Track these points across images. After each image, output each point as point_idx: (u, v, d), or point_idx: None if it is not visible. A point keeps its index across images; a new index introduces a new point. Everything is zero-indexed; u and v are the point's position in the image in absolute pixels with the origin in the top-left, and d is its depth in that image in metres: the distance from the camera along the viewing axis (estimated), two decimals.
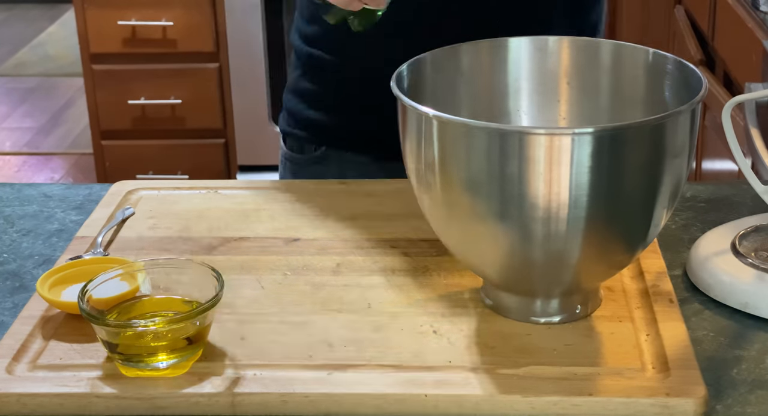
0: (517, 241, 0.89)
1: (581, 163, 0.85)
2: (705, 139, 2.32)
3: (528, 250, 0.90)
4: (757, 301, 0.99)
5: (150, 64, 3.39)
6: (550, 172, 0.85)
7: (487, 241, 0.91)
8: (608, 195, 0.87)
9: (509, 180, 0.86)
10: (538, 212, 0.87)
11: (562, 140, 0.84)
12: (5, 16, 5.64)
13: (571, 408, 0.86)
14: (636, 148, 0.87)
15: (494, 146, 0.86)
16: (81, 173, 3.97)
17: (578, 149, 0.84)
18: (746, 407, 0.87)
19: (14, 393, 0.88)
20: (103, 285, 0.93)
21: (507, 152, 0.86)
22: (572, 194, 0.86)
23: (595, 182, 0.86)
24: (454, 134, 0.88)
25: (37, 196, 1.26)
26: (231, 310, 0.99)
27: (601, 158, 0.85)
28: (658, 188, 0.89)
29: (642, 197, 0.89)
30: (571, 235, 0.88)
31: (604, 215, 0.88)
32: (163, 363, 0.89)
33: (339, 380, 0.89)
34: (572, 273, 0.93)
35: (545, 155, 0.85)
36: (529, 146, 0.85)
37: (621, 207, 0.89)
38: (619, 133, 0.86)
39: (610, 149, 0.85)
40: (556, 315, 0.96)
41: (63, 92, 4.68)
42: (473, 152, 0.87)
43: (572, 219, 0.87)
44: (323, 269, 1.06)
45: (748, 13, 2.05)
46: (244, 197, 1.21)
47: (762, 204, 1.08)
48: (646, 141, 0.87)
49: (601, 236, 0.90)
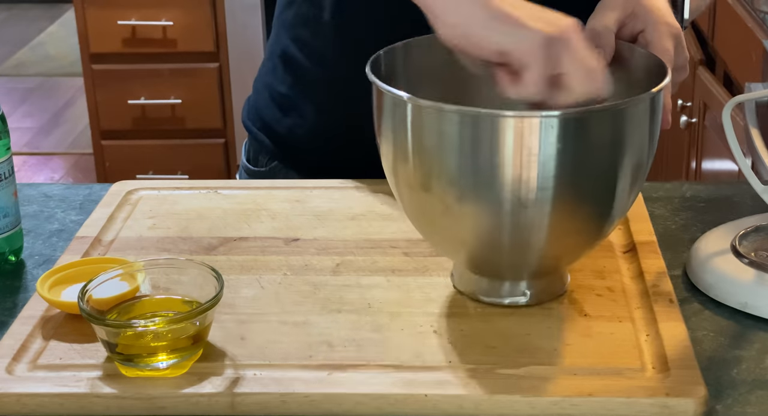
0: (487, 222, 0.93)
1: (549, 144, 0.89)
2: (705, 139, 2.32)
3: (497, 231, 0.93)
4: (756, 301, 0.99)
5: (150, 64, 3.39)
6: (521, 154, 0.89)
7: (458, 223, 0.94)
8: (574, 175, 0.91)
9: (480, 162, 0.90)
10: (507, 193, 0.90)
11: (531, 121, 0.88)
12: (5, 16, 5.64)
13: (570, 408, 0.86)
14: (600, 130, 0.90)
15: (466, 128, 0.90)
16: (81, 173, 3.98)
17: (546, 131, 0.88)
18: (746, 407, 0.87)
19: (14, 393, 0.88)
20: (103, 285, 0.93)
21: (478, 134, 0.89)
22: (540, 175, 0.90)
23: (561, 163, 0.89)
24: (426, 117, 0.91)
25: (37, 196, 1.26)
26: (231, 310, 0.99)
27: (567, 139, 0.89)
28: (620, 169, 0.92)
29: (605, 178, 0.92)
30: (539, 216, 0.92)
31: (571, 194, 0.92)
32: (163, 363, 0.89)
33: (339, 380, 0.89)
34: (540, 255, 0.95)
35: (515, 137, 0.88)
36: (499, 128, 0.88)
37: (586, 188, 0.92)
38: (585, 116, 0.89)
39: (576, 131, 0.89)
40: (522, 297, 0.98)
41: (63, 92, 4.68)
42: (445, 135, 0.90)
43: (540, 200, 0.91)
44: (323, 269, 1.06)
45: (748, 13, 2.05)
46: (244, 197, 1.21)
47: (762, 204, 1.08)
48: (610, 124, 0.91)
49: (568, 217, 0.93)
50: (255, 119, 1.37)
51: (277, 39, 1.36)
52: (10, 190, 1.09)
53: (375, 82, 0.95)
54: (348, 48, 1.26)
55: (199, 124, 3.45)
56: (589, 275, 1.03)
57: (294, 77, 1.32)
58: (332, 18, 1.26)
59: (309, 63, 1.30)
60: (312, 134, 1.32)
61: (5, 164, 1.08)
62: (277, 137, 1.34)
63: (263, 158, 1.37)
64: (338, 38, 1.27)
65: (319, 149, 1.32)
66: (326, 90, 1.29)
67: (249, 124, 1.38)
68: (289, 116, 1.33)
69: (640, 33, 1.04)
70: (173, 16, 3.34)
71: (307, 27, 1.30)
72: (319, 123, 1.31)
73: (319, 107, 1.31)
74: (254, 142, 1.38)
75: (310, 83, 1.31)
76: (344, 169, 1.27)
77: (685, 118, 2.39)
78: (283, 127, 1.33)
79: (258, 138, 1.36)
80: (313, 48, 1.30)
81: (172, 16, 3.34)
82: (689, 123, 2.39)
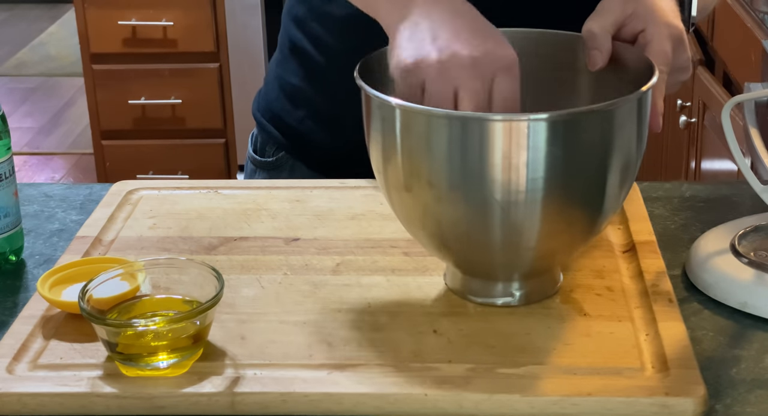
0: (477, 223, 0.93)
1: (537, 147, 0.89)
2: (704, 139, 2.32)
3: (487, 232, 0.93)
4: (756, 300, 0.99)
5: (150, 64, 3.39)
6: (509, 157, 0.89)
7: (447, 225, 0.95)
8: (563, 176, 0.91)
9: (469, 165, 0.90)
10: (497, 194, 0.91)
11: (519, 125, 0.89)
12: (6, 16, 5.64)
13: (570, 407, 0.86)
14: (588, 132, 0.91)
15: (455, 132, 0.90)
16: (81, 173, 3.98)
17: (534, 134, 0.89)
18: (745, 406, 0.87)
19: (15, 393, 0.88)
20: (103, 285, 0.93)
21: (467, 138, 0.90)
22: (529, 177, 0.90)
23: (550, 165, 0.90)
24: (416, 121, 0.91)
25: (38, 196, 1.26)
26: (231, 310, 0.99)
27: (556, 142, 0.90)
28: (609, 169, 0.93)
29: (594, 178, 0.93)
30: (528, 217, 0.92)
31: (560, 195, 0.92)
32: (164, 362, 0.90)
33: (339, 380, 0.89)
34: (530, 256, 0.96)
35: (503, 140, 0.89)
36: (487, 132, 0.89)
37: (575, 189, 0.93)
38: (572, 118, 0.90)
39: (564, 133, 0.90)
40: (513, 297, 0.98)
41: (63, 92, 4.68)
42: (433, 139, 0.91)
43: (529, 201, 0.91)
44: (323, 268, 1.06)
45: (747, 13, 2.05)
46: (244, 197, 1.21)
47: (761, 204, 1.08)
48: (597, 126, 0.91)
49: (557, 217, 0.94)
50: (264, 111, 1.38)
51: (286, 32, 1.37)
52: (11, 190, 1.09)
53: (363, 87, 0.95)
54: (358, 42, 1.26)
55: (199, 124, 3.45)
56: (588, 274, 1.03)
57: (305, 70, 1.33)
58: (342, 12, 1.27)
59: (320, 57, 1.31)
60: (321, 126, 1.33)
61: (6, 164, 1.08)
62: (287, 129, 1.35)
63: (270, 148, 1.38)
64: (349, 32, 1.27)
65: (327, 142, 1.33)
66: (336, 83, 1.30)
67: (258, 115, 1.39)
68: (300, 108, 1.34)
69: (640, 33, 1.04)
70: (173, 17, 3.34)
71: (319, 21, 1.31)
72: (328, 116, 1.32)
73: (330, 100, 1.31)
74: (263, 133, 1.39)
75: (320, 76, 1.32)
76: (351, 162, 1.27)
77: (685, 118, 2.39)
78: (293, 119, 1.34)
79: (266, 129, 1.37)
80: (324, 42, 1.31)
81: (173, 16, 3.34)
82: (688, 123, 2.39)
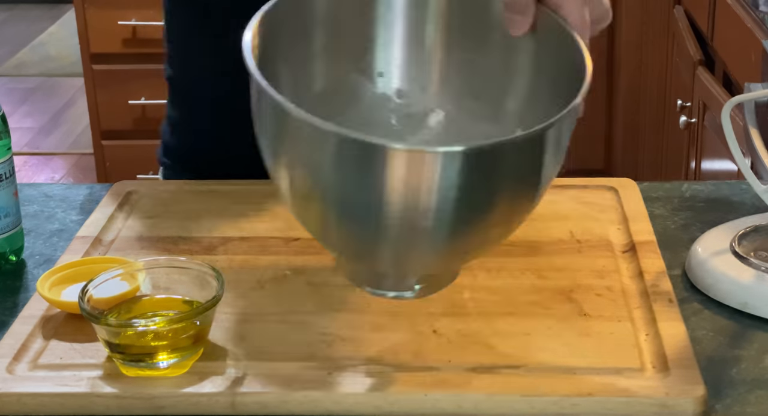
0: (370, 242, 0.85)
1: (447, 178, 0.77)
2: (704, 139, 2.32)
3: (382, 250, 0.86)
4: (756, 301, 0.99)
5: (150, 64, 3.38)
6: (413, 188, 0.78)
7: (342, 240, 0.88)
8: (471, 208, 0.81)
9: (365, 190, 0.79)
10: (396, 221, 0.81)
11: (425, 157, 0.76)
12: (6, 16, 5.64)
13: (570, 407, 0.86)
14: (507, 162, 0.80)
15: (348, 154, 0.77)
16: (81, 173, 3.97)
17: (443, 169, 0.77)
18: (745, 406, 0.87)
19: (15, 393, 0.88)
20: (103, 285, 0.94)
21: (363, 162, 0.77)
22: (433, 207, 0.79)
23: (459, 197, 0.79)
24: (307, 135, 0.79)
25: (38, 196, 1.26)
26: (231, 310, 0.99)
27: (470, 175, 0.78)
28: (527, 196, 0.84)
29: (507, 206, 0.84)
30: (431, 239, 0.83)
31: (467, 219, 0.82)
32: (164, 362, 0.90)
33: (339, 380, 0.89)
34: (427, 267, 0.91)
35: (406, 171, 0.77)
36: (388, 161, 0.77)
37: (484, 217, 0.83)
38: (489, 150, 0.78)
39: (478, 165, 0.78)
40: (408, 291, 0.94)
41: (63, 92, 4.68)
42: (323, 156, 0.79)
43: (433, 228, 0.81)
44: (323, 268, 1.06)
45: (747, 13, 2.05)
46: (244, 197, 1.21)
47: (761, 204, 1.08)
48: (518, 154, 0.80)
49: (464, 237, 0.85)
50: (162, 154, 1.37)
51: None
52: (11, 190, 1.09)
53: (259, 82, 0.80)
54: None
55: None
56: (588, 274, 1.03)
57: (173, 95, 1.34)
58: None
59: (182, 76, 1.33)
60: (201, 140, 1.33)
61: (6, 164, 1.08)
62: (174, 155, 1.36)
63: None
64: None
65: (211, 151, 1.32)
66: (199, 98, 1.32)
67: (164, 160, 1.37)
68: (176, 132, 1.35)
69: None
70: None
71: None
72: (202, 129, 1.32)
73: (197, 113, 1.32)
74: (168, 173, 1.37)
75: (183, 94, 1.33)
76: None
77: (685, 118, 2.39)
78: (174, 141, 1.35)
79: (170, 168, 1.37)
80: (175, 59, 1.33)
81: None
82: (688, 123, 2.39)
